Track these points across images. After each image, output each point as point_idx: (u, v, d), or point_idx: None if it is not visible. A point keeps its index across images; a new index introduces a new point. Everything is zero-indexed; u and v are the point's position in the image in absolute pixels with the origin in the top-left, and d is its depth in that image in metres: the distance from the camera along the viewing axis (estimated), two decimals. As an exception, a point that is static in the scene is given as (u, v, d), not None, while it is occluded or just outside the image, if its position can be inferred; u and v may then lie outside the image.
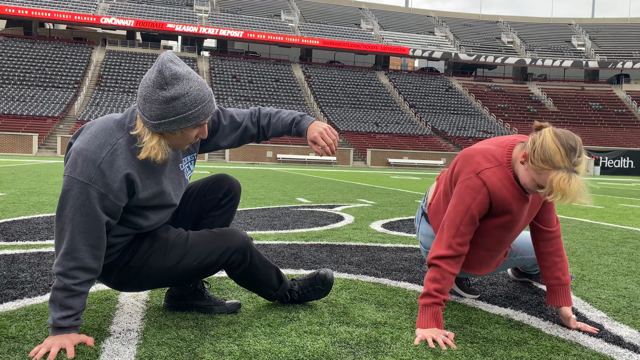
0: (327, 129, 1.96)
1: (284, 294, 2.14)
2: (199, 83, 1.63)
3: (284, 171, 20.59)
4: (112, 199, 1.65)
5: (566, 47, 67.33)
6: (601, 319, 2.17)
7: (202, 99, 1.62)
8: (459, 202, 1.98)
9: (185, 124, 1.62)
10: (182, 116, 1.60)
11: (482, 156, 2.00)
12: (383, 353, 1.69)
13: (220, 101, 48.11)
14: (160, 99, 1.57)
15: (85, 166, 1.61)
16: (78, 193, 1.61)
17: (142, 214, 1.78)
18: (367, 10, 71.63)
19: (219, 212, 2.07)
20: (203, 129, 1.71)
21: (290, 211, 5.78)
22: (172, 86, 1.57)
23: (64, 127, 39.07)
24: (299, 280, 2.19)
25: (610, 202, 9.30)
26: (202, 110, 1.63)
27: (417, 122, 50.52)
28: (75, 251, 1.64)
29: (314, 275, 2.18)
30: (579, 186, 1.81)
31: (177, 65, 1.59)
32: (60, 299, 1.65)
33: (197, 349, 1.67)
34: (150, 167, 1.72)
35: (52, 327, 1.66)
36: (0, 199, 6.02)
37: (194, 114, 1.62)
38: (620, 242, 4.38)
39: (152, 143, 1.63)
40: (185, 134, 1.67)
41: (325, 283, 2.16)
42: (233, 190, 2.08)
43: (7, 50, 49.77)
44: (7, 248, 3.18)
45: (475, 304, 2.33)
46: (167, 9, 60.16)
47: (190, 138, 1.70)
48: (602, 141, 49.29)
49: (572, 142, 1.83)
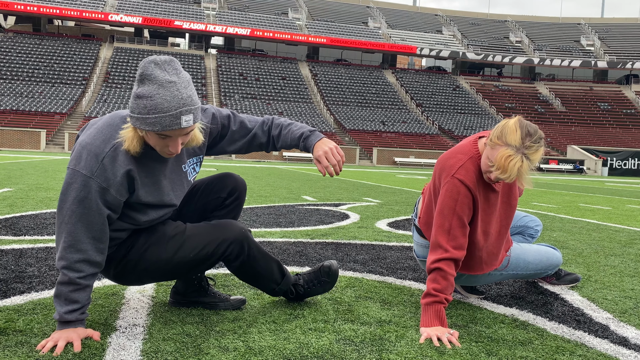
0: (334, 149, 1.93)
1: (288, 288, 2.11)
2: (173, 96, 1.58)
3: (290, 169, 20.60)
4: (113, 194, 1.67)
5: (575, 46, 66.90)
6: (607, 320, 2.16)
7: (163, 110, 1.57)
8: (443, 207, 2.03)
9: (145, 126, 1.59)
10: (141, 117, 1.59)
11: (453, 157, 2.08)
12: (387, 351, 1.69)
13: (226, 99, 48.19)
14: (133, 93, 1.62)
15: (88, 160, 1.64)
16: (80, 186, 1.63)
17: (141, 210, 1.79)
18: (374, 8, 71.48)
19: (223, 211, 2.06)
20: (173, 142, 1.64)
21: (296, 209, 5.78)
22: (143, 84, 1.59)
23: (71, 123, 39.29)
24: (303, 274, 2.17)
25: (618, 203, 9.25)
26: (160, 120, 1.57)
27: (424, 121, 50.38)
28: (78, 243, 1.65)
29: (318, 268, 2.16)
30: (521, 167, 1.89)
31: (160, 69, 1.59)
32: (66, 293, 1.66)
33: (202, 344, 1.68)
34: (150, 166, 1.74)
35: (58, 321, 1.67)
36: (9, 194, 6.07)
37: (150, 120, 1.58)
38: (627, 243, 4.36)
39: (129, 134, 1.64)
40: (151, 139, 1.64)
41: (331, 274, 2.13)
42: (237, 189, 2.07)
43: (16, 46, 50.07)
44: (15, 243, 3.20)
45: (481, 303, 2.33)
46: (175, 6, 60.31)
47: (159, 145, 1.65)
48: (610, 142, 48.96)
49: (533, 130, 1.92)
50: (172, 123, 1.59)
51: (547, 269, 2.45)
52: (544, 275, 2.50)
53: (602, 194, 11.85)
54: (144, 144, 1.69)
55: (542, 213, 6.62)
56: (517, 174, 1.89)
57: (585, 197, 10.39)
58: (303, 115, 47.61)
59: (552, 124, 53.99)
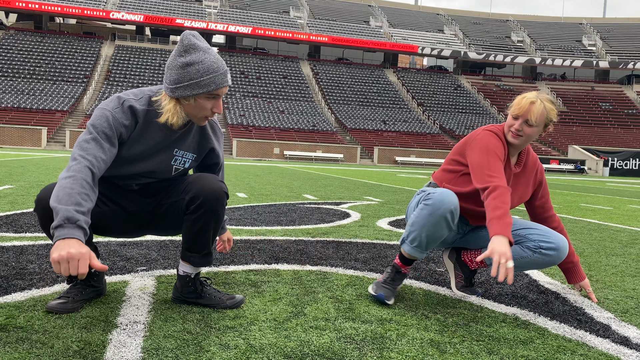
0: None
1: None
2: (216, 57, 1.82)
3: (291, 168, 20.61)
4: (125, 131, 1.85)
5: (577, 46, 66.81)
6: (609, 319, 2.15)
7: (215, 70, 1.80)
8: (478, 152, 2.19)
9: (198, 90, 1.79)
10: (194, 82, 1.78)
11: (482, 128, 2.29)
12: (388, 349, 1.69)
13: (228, 97, 48.19)
14: (178, 65, 1.79)
15: (112, 102, 1.85)
16: (108, 114, 1.82)
17: (120, 161, 1.91)
18: (376, 7, 71.41)
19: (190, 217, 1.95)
20: (217, 102, 1.86)
21: (297, 207, 5.78)
22: (189, 54, 1.79)
23: (72, 121, 39.30)
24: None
25: (619, 203, 9.24)
26: (214, 79, 1.80)
27: (425, 121, 50.35)
28: (87, 151, 1.74)
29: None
30: (534, 105, 2.16)
31: (197, 39, 1.82)
32: (66, 198, 1.59)
33: (203, 342, 1.68)
34: (147, 131, 1.89)
35: (57, 227, 1.55)
36: (10, 191, 6.07)
37: (205, 81, 1.79)
38: (628, 243, 4.35)
39: (169, 106, 1.83)
40: (199, 103, 1.83)
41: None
42: (202, 195, 1.92)
43: (18, 44, 50.08)
44: (16, 240, 3.20)
45: (482, 302, 2.32)
46: (176, 4, 60.30)
47: (205, 109, 1.85)
48: (611, 142, 48.91)
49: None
50: (223, 80, 1.83)
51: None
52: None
53: (603, 194, 11.84)
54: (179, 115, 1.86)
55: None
56: (529, 110, 2.15)
57: (587, 197, 10.38)
58: (304, 114, 47.60)
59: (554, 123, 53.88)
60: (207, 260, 2.04)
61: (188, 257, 2.03)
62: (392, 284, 2.25)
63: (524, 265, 2.21)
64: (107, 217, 2.01)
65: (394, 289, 2.24)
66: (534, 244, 2.16)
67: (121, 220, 2.05)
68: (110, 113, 1.81)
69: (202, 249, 2.01)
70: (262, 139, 40.20)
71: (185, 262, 2.04)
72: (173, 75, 1.79)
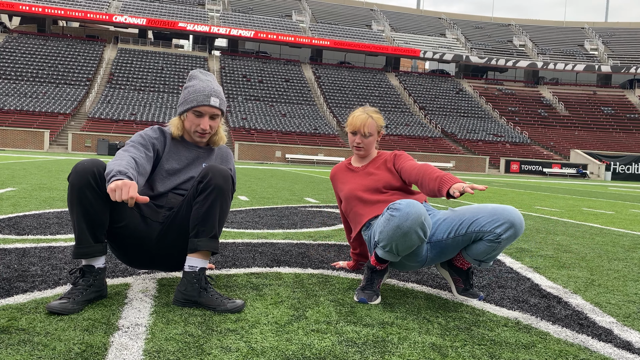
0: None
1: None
2: (206, 84, 2.32)
3: (292, 171, 20.61)
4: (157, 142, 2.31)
5: (578, 51, 66.83)
6: (611, 324, 2.15)
7: (200, 91, 2.29)
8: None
9: (186, 105, 2.31)
10: (185, 100, 2.32)
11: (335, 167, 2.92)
12: (390, 353, 1.69)
13: (230, 100, 48.27)
14: (183, 88, 2.37)
15: (149, 129, 2.36)
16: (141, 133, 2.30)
17: (159, 176, 2.30)
18: (378, 11, 71.55)
19: (199, 197, 2.10)
20: (202, 120, 2.30)
21: (299, 211, 5.78)
22: (189, 81, 2.37)
23: (75, 124, 39.39)
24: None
25: (621, 207, 9.22)
26: (196, 97, 2.28)
27: (427, 125, 50.37)
28: (127, 151, 2.12)
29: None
30: (367, 120, 2.61)
31: (200, 73, 2.37)
32: (118, 162, 1.98)
33: (204, 344, 1.68)
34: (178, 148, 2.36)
35: (112, 177, 1.89)
36: (12, 193, 6.09)
37: (190, 99, 2.30)
38: (630, 247, 4.34)
39: (174, 120, 2.36)
40: (189, 118, 2.32)
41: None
42: (209, 174, 2.11)
43: (21, 47, 50.26)
44: (18, 242, 3.21)
45: (483, 306, 2.32)
46: (179, 7, 60.49)
47: (194, 125, 2.31)
48: (613, 146, 48.86)
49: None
50: (204, 100, 2.27)
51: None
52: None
53: (606, 199, 11.82)
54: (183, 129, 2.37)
55: (545, 217, 6.61)
56: (362, 124, 2.60)
57: (589, 201, 10.37)
58: (306, 117, 47.65)
59: (556, 128, 53.90)
60: (214, 244, 2.10)
61: (195, 244, 2.07)
62: (371, 287, 2.32)
63: (498, 253, 2.27)
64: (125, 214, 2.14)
65: (375, 289, 2.31)
66: (493, 235, 2.17)
67: (134, 225, 2.15)
68: (142, 132, 2.31)
69: (210, 231, 2.08)
70: (264, 142, 40.25)
71: (192, 253, 2.08)
72: (180, 97, 2.36)
